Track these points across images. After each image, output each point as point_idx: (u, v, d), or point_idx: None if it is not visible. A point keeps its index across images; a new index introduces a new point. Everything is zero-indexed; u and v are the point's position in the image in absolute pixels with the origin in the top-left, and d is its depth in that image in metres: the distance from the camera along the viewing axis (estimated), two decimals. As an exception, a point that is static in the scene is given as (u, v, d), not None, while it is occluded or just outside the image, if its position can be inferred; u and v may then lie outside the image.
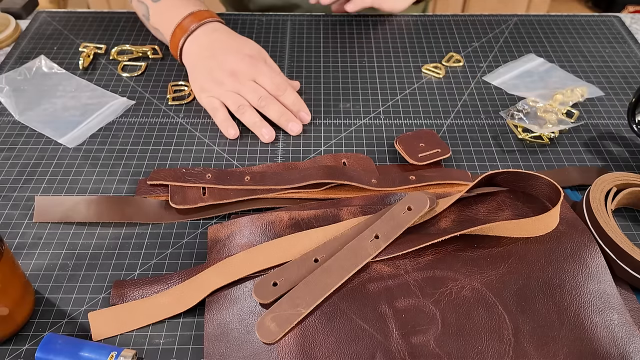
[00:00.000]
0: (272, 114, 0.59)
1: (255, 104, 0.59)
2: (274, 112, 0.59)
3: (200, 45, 0.63)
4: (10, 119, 0.61)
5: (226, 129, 0.59)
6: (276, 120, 0.59)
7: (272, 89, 0.60)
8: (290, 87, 0.61)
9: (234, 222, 0.48)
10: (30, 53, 0.70)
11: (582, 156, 0.57)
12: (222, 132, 0.59)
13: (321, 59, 0.71)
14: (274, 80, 0.60)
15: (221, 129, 0.59)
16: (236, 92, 0.60)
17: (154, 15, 0.67)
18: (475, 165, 0.56)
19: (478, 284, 0.43)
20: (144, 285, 0.44)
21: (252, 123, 0.59)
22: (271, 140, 0.58)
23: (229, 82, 0.60)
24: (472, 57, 0.71)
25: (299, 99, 0.61)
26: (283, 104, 0.60)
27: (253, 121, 0.58)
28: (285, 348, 0.39)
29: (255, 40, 0.73)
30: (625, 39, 0.75)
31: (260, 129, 0.58)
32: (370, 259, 0.44)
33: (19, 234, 0.49)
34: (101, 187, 0.53)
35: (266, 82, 0.60)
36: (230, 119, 0.60)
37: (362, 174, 0.52)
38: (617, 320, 0.40)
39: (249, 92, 0.59)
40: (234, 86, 0.60)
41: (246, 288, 0.43)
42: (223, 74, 0.60)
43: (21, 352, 0.41)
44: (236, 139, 0.59)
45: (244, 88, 0.59)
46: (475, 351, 0.39)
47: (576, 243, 0.45)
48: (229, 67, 0.60)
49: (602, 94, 0.65)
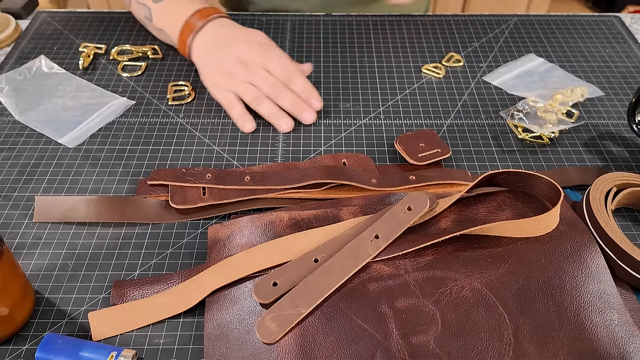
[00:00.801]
0: (285, 104, 0.59)
1: (269, 93, 0.59)
2: (287, 101, 0.59)
3: (209, 40, 0.63)
4: (10, 119, 0.61)
5: (243, 123, 0.59)
6: (289, 110, 0.59)
7: (283, 76, 0.59)
8: (300, 74, 0.60)
9: (234, 222, 0.48)
10: (30, 53, 0.70)
11: (582, 156, 0.57)
12: (239, 127, 0.59)
13: (321, 59, 0.71)
14: (285, 67, 0.60)
15: (238, 124, 0.59)
16: (249, 82, 0.59)
17: (157, 16, 0.67)
18: (475, 165, 0.56)
19: (478, 284, 0.43)
20: (144, 285, 0.44)
21: (269, 113, 0.59)
22: (290, 130, 0.58)
23: (241, 72, 0.59)
24: (472, 57, 0.71)
25: (310, 85, 0.60)
26: (293, 91, 0.59)
27: (271, 112, 0.59)
28: (285, 348, 0.39)
29: (255, 40, 0.73)
30: (625, 39, 0.75)
31: (278, 119, 0.58)
32: (370, 259, 0.44)
33: (19, 234, 0.49)
34: (101, 187, 0.53)
35: (277, 69, 0.59)
36: (248, 113, 0.60)
37: (362, 174, 0.52)
38: (617, 320, 0.40)
39: (262, 82, 0.59)
40: (246, 76, 0.59)
41: (246, 288, 0.43)
42: (233, 64, 0.60)
43: (21, 352, 0.41)
44: (236, 139, 0.59)
45: (257, 77, 0.59)
46: (475, 351, 0.39)
47: (576, 243, 0.45)
48: (239, 57, 0.60)
49: (602, 94, 0.65)
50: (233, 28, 0.63)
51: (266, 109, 0.58)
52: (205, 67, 0.63)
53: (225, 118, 0.61)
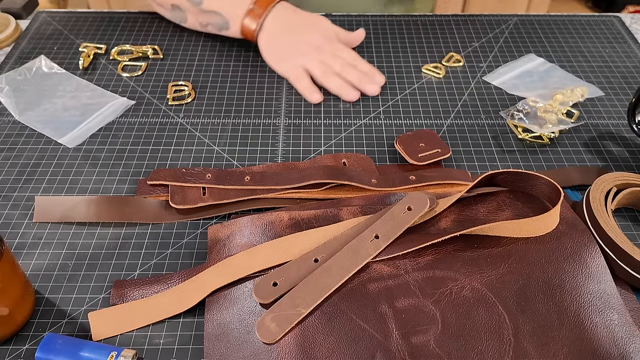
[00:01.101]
0: (352, 78, 0.64)
1: (337, 70, 0.64)
2: (353, 76, 0.64)
3: (278, 24, 0.66)
4: (10, 119, 0.61)
5: (311, 94, 0.64)
6: (356, 83, 0.64)
7: (349, 58, 0.66)
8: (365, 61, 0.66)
9: (234, 222, 0.48)
10: (30, 53, 0.70)
11: (582, 156, 0.57)
12: (306, 98, 0.64)
13: (321, 59, 0.71)
14: (351, 53, 0.66)
15: (305, 95, 0.64)
16: (319, 61, 0.65)
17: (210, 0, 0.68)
18: (475, 165, 0.56)
19: (478, 284, 0.43)
20: (144, 285, 0.44)
21: (338, 85, 0.64)
22: (355, 100, 0.64)
23: (312, 52, 0.65)
24: (472, 57, 0.71)
25: (374, 68, 0.66)
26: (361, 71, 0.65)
27: (339, 84, 0.64)
28: (285, 348, 0.39)
29: (255, 40, 0.73)
30: (625, 39, 0.75)
31: (345, 89, 0.63)
32: (370, 259, 0.44)
33: (19, 234, 0.49)
34: (101, 187, 0.53)
35: (344, 53, 0.66)
36: (314, 85, 0.64)
37: (362, 174, 0.52)
38: (617, 320, 0.40)
39: (331, 60, 0.65)
40: (317, 56, 0.65)
41: (246, 288, 0.43)
42: (305, 46, 0.66)
43: (21, 352, 0.41)
44: (236, 139, 0.59)
45: (327, 57, 0.65)
46: (475, 351, 0.39)
47: (576, 243, 0.45)
48: (312, 42, 0.66)
49: (602, 94, 0.65)
50: (300, 12, 0.68)
51: (334, 82, 0.64)
52: (274, 45, 0.66)
53: (226, 118, 0.61)
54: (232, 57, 0.70)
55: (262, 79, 0.67)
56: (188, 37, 0.74)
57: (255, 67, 0.69)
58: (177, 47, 0.72)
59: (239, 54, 0.71)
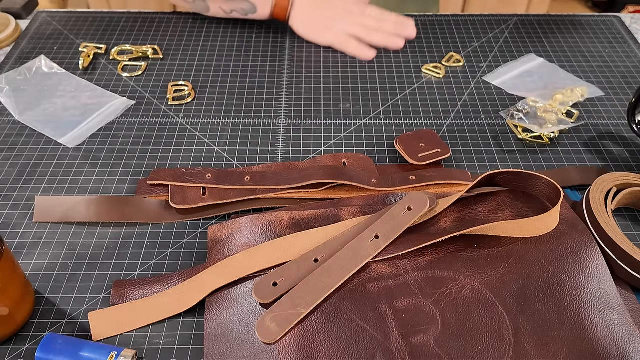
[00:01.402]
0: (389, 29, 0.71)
1: (375, 26, 0.70)
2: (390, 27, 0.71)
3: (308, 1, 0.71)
4: (10, 119, 0.61)
5: (363, 51, 0.70)
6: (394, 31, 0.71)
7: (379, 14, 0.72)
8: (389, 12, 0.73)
9: (234, 222, 0.48)
10: (30, 53, 0.70)
11: (582, 156, 0.57)
12: (360, 57, 0.70)
13: (321, 59, 0.71)
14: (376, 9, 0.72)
15: (358, 55, 0.70)
16: (357, 23, 0.71)
17: None
18: (475, 165, 0.56)
19: (478, 284, 0.43)
20: (144, 285, 0.44)
21: (383, 38, 0.70)
22: (401, 47, 0.71)
23: (348, 17, 0.71)
24: (472, 57, 0.71)
25: (399, 15, 0.73)
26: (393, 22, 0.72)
27: (383, 37, 0.70)
28: (285, 348, 0.39)
29: (255, 40, 0.73)
30: (625, 39, 0.75)
31: (392, 38, 0.70)
32: (370, 259, 0.44)
33: (19, 234, 0.49)
34: (101, 187, 0.53)
35: (374, 12, 0.72)
36: (363, 43, 0.70)
37: (362, 174, 0.52)
38: (617, 320, 0.40)
39: (365, 19, 0.71)
40: (353, 19, 0.71)
41: (246, 288, 0.43)
42: (340, 12, 0.71)
43: (21, 352, 0.41)
44: (236, 139, 0.59)
45: (360, 18, 0.71)
46: (475, 351, 0.39)
47: (576, 243, 0.45)
48: (343, 7, 0.71)
49: (602, 94, 0.65)
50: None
51: (378, 36, 0.70)
52: (309, 19, 0.71)
53: (226, 118, 0.61)
54: (232, 57, 0.70)
55: (262, 79, 0.67)
56: (188, 37, 0.74)
57: (256, 67, 0.69)
58: (177, 47, 0.72)
59: (239, 54, 0.71)
